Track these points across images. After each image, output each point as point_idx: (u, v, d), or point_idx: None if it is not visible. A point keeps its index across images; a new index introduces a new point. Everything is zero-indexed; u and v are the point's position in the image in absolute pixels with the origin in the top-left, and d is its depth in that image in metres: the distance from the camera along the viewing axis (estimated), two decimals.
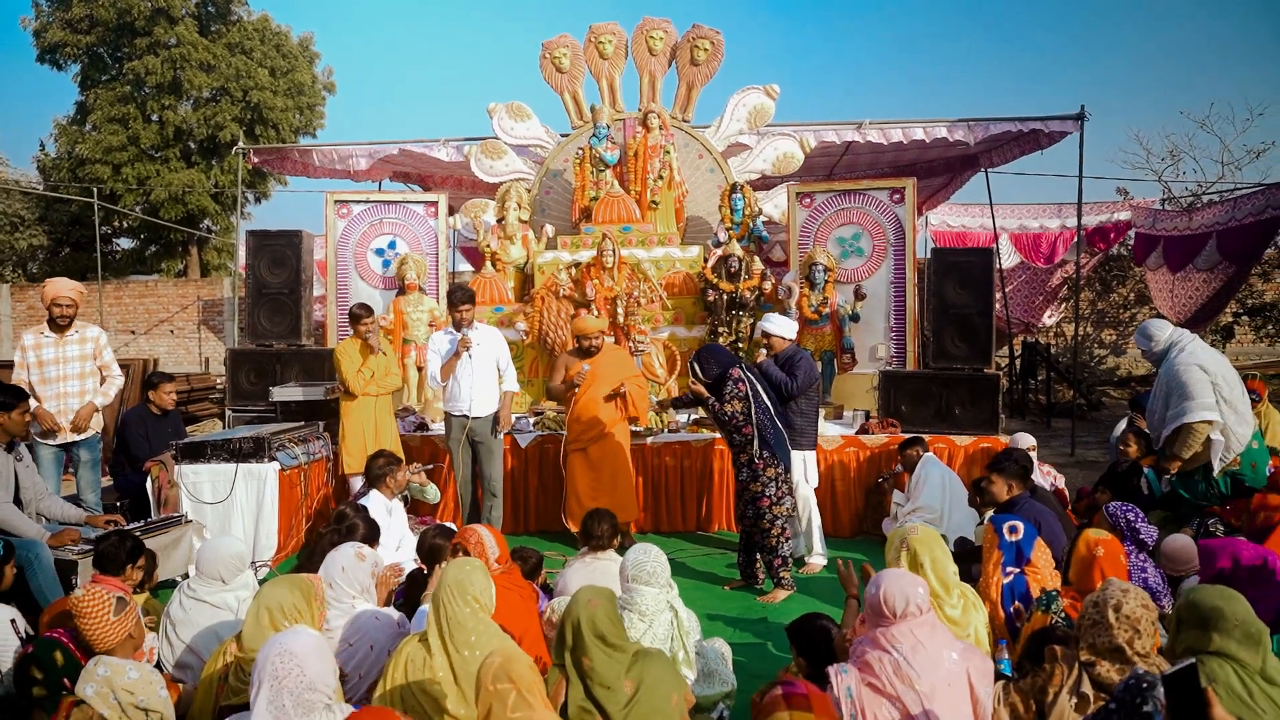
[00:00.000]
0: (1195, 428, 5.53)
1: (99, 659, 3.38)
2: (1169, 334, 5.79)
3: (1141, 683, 2.41)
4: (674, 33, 10.31)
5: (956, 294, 8.06)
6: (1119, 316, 19.26)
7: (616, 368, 6.97)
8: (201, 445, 6.69)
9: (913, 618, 3.05)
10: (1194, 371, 5.55)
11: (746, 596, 6.02)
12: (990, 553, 4.14)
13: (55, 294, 6.60)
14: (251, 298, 8.85)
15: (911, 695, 2.91)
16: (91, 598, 3.52)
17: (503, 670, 2.68)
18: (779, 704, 2.62)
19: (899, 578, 3.18)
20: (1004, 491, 4.84)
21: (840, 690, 2.99)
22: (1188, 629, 3.20)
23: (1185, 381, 5.56)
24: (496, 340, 7.16)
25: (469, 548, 4.20)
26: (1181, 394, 5.57)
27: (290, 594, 3.49)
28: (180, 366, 20.21)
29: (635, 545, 4.12)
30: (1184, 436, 5.58)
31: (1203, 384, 5.51)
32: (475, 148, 10.87)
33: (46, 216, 28.00)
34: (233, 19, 26.64)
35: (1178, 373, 5.61)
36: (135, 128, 25.13)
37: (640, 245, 9.36)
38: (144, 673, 3.41)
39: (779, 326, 6.48)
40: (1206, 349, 5.70)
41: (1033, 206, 15.86)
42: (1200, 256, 11.98)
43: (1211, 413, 5.49)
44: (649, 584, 3.91)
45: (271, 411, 7.92)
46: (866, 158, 12.63)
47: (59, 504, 5.74)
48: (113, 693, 3.27)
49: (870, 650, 3.05)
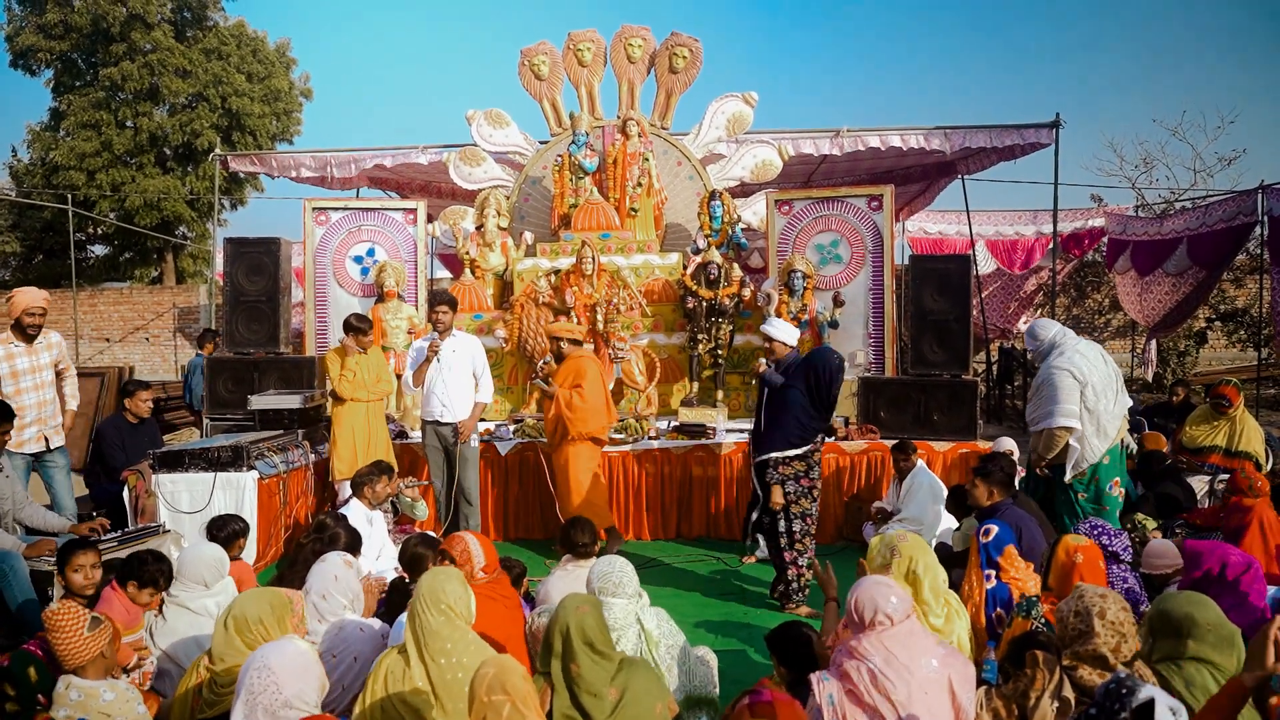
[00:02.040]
0: (1056, 433, 5.64)
1: (70, 682, 3.29)
2: (1053, 335, 5.88)
3: (1121, 688, 2.44)
4: (653, 40, 10.34)
5: (934, 301, 8.12)
6: (1094, 322, 19.46)
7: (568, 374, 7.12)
8: (179, 454, 6.63)
9: (881, 627, 3.05)
10: (1065, 377, 5.61)
11: (729, 604, 6.03)
12: (974, 557, 4.17)
13: (29, 304, 6.55)
14: (229, 305, 8.80)
15: (887, 705, 2.92)
16: (65, 612, 3.40)
17: (497, 681, 2.67)
18: (744, 715, 2.63)
19: (872, 585, 3.19)
20: (985, 496, 4.87)
21: (822, 697, 3.00)
22: (1162, 638, 3.24)
23: (1055, 385, 5.65)
24: (474, 348, 7.14)
25: (455, 556, 4.16)
26: (1049, 397, 5.68)
27: (257, 606, 3.43)
28: (156, 374, 20.04)
29: (601, 558, 4.09)
30: (1048, 440, 5.70)
31: (1070, 390, 5.59)
32: (454, 154, 10.85)
33: (19, 223, 27.72)
34: (209, 24, 26.46)
35: (1050, 376, 5.70)
36: (109, 134, 24.92)
37: (619, 252, 9.37)
38: (119, 692, 3.34)
39: (780, 331, 6.18)
40: (1088, 355, 5.73)
41: (1008, 213, 16.01)
42: (1170, 261, 12.11)
43: (1073, 420, 5.59)
44: (616, 595, 3.85)
45: (250, 420, 7.87)
46: (844, 165, 12.70)
47: (39, 512, 5.67)
48: (86, 716, 3.21)
49: (847, 660, 3.06)
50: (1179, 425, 7.72)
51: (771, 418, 5.99)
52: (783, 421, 5.91)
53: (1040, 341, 5.91)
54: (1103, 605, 3.12)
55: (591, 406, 6.95)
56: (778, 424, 5.96)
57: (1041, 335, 5.92)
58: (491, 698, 2.64)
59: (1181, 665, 3.21)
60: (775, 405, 5.96)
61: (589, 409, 6.93)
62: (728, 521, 7.63)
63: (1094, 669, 3.08)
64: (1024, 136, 10.80)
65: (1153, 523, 6.02)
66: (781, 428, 5.92)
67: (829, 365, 5.79)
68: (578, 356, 7.13)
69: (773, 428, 5.98)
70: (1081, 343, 5.82)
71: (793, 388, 5.84)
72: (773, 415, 5.95)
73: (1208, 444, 7.19)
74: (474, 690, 2.69)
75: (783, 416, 5.90)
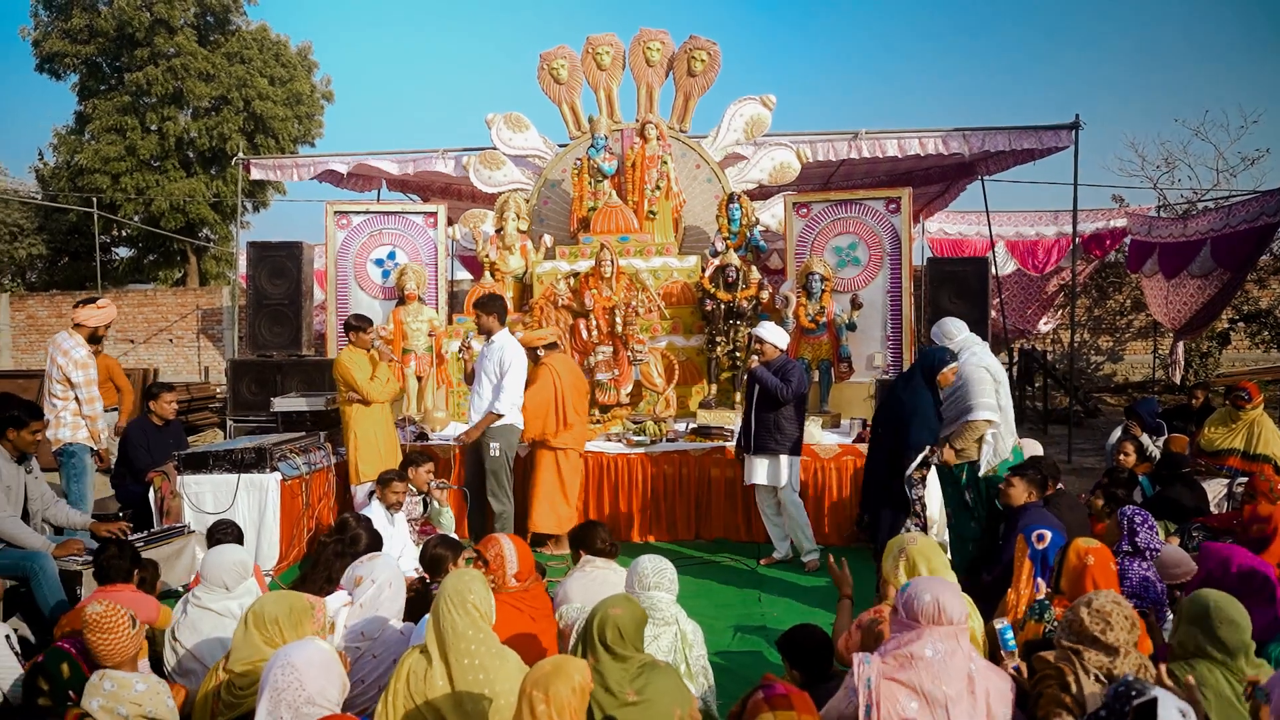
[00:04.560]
0: (977, 425, 5.82)
1: (104, 673, 3.41)
2: (964, 337, 6.09)
3: (1130, 690, 2.47)
4: (671, 44, 10.38)
5: (952, 303, 8.14)
6: (1115, 323, 19.35)
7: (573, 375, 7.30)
8: (204, 456, 6.74)
9: (958, 625, 3.08)
10: (982, 373, 5.85)
11: (748, 605, 6.07)
12: (1021, 563, 4.12)
13: (109, 318, 7.02)
14: (252, 308, 8.92)
15: (939, 693, 2.91)
16: (112, 613, 3.54)
17: (544, 681, 2.70)
18: (761, 706, 2.67)
19: (951, 588, 3.18)
20: (1022, 495, 4.90)
21: (860, 679, 3.00)
22: (1185, 624, 3.24)
23: (974, 380, 5.84)
24: (502, 355, 6.91)
25: (489, 559, 4.15)
26: (971, 392, 5.86)
27: (276, 607, 3.50)
28: (179, 375, 20.25)
29: (647, 554, 4.15)
30: (966, 431, 5.86)
31: (989, 385, 5.84)
32: (474, 158, 10.91)
33: (45, 226, 28.04)
34: (231, 28, 26.69)
35: (969, 373, 5.88)
36: (134, 137, 25.19)
37: (638, 255, 9.41)
38: (150, 684, 3.46)
39: (771, 334, 6.74)
40: (990, 356, 6.03)
41: (1029, 214, 15.94)
42: (1195, 263, 12.05)
43: (994, 414, 5.81)
44: (668, 590, 3.97)
45: (273, 422, 7.97)
46: (863, 166, 12.67)
47: (65, 510, 5.77)
48: (119, 705, 3.31)
49: (911, 643, 3.04)
50: (1198, 428, 7.68)
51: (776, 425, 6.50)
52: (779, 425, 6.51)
53: (952, 340, 6.10)
54: (1095, 600, 3.12)
55: (530, 411, 7.06)
56: (779, 429, 6.57)
57: (954, 334, 6.13)
58: (533, 693, 2.68)
59: (1195, 664, 3.22)
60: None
61: (527, 413, 7.05)
62: (746, 523, 7.65)
63: (1095, 652, 3.07)
64: (1043, 139, 10.75)
65: (1165, 527, 5.97)
66: (781, 431, 6.55)
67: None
68: (542, 362, 7.28)
69: (777, 433, 6.52)
70: (985, 345, 6.14)
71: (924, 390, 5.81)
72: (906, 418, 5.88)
73: (1225, 446, 7.14)
74: (523, 684, 2.74)
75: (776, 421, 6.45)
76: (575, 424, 7.26)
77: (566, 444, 7.25)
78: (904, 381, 5.92)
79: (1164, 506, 6.24)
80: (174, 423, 7.71)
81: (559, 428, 7.18)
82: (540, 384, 7.13)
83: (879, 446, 5.88)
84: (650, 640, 3.76)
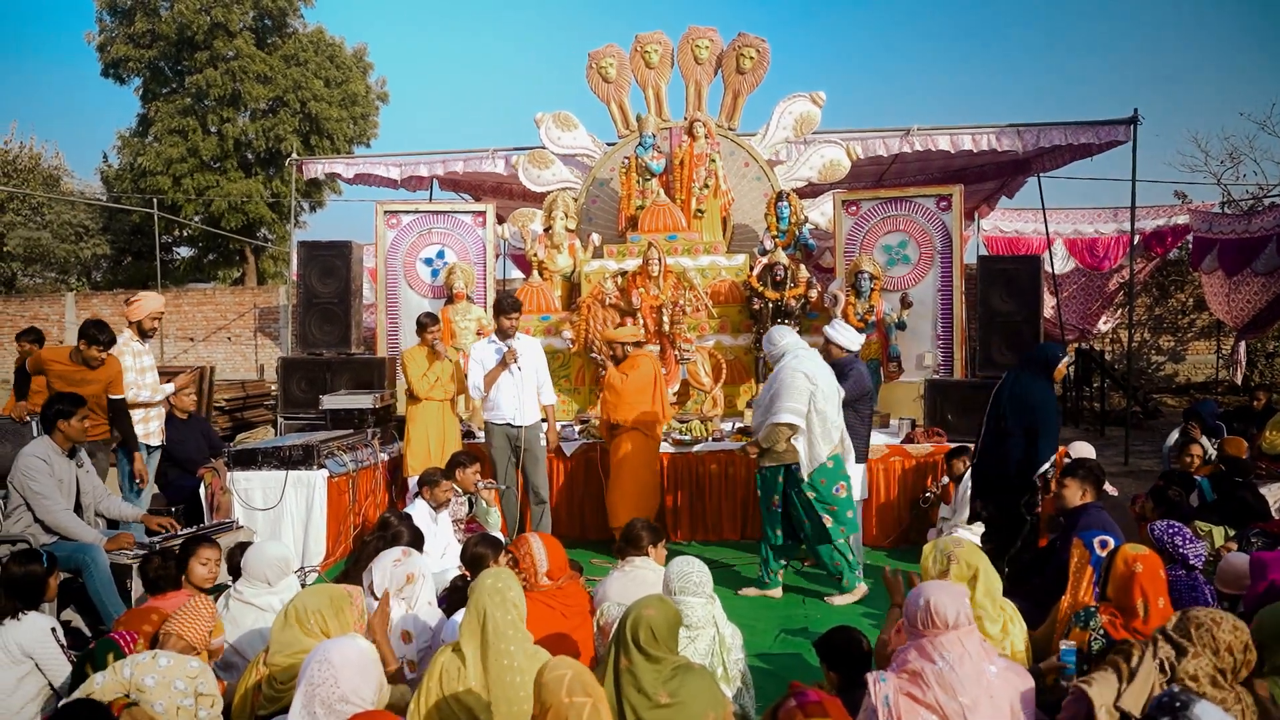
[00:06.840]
0: (780, 428, 5.91)
1: (158, 652, 3.49)
2: (789, 341, 6.14)
3: (1175, 701, 2.39)
4: (719, 41, 10.33)
5: (1003, 302, 8.00)
6: (1177, 322, 18.90)
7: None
8: (253, 452, 6.84)
9: (962, 628, 3.03)
10: (798, 378, 5.90)
11: (791, 606, 6.02)
12: (1083, 570, 4.00)
13: (156, 309, 7.01)
14: (303, 307, 9.05)
15: (954, 706, 2.88)
16: (201, 604, 3.85)
17: (578, 682, 2.67)
18: (795, 714, 2.64)
19: (946, 589, 3.15)
20: (1076, 495, 4.77)
21: (878, 698, 2.98)
22: (1271, 648, 3.11)
23: (789, 384, 5.91)
24: (536, 350, 7.26)
25: (520, 559, 4.17)
26: (782, 394, 5.93)
27: (317, 599, 3.56)
28: (237, 373, 20.61)
29: (678, 557, 4.08)
30: (770, 432, 5.97)
31: (801, 391, 5.88)
32: (523, 157, 10.95)
33: (109, 226, 28.76)
34: (288, 31, 27.12)
35: (784, 376, 5.96)
36: (195, 139, 25.70)
37: (686, 253, 9.38)
38: (201, 662, 3.55)
39: (840, 335, 6.54)
40: (817, 362, 6.08)
41: (1087, 211, 15.66)
42: (1259, 260, 11.74)
43: (798, 418, 5.88)
44: (695, 595, 3.86)
45: (322, 419, 8.06)
46: (915, 164, 12.53)
47: (117, 504, 5.87)
48: (176, 680, 3.34)
49: (915, 659, 3.03)
50: (1259, 431, 7.46)
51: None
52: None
53: (775, 346, 6.17)
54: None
55: (623, 395, 7.13)
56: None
57: (779, 341, 6.17)
58: (573, 699, 2.64)
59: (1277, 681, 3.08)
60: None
61: (619, 398, 7.13)
62: None
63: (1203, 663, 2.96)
64: (1100, 134, 10.53)
65: (1224, 532, 5.80)
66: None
67: None
68: (636, 354, 7.29)
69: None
70: (813, 351, 6.19)
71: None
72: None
73: None
74: (550, 691, 2.67)
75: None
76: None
77: (658, 434, 7.37)
78: (1029, 377, 5.66)
79: (1224, 511, 6.07)
80: (195, 416, 7.76)
81: (663, 416, 7.36)
82: (639, 372, 7.22)
83: (1004, 439, 5.63)
84: (686, 642, 3.70)
